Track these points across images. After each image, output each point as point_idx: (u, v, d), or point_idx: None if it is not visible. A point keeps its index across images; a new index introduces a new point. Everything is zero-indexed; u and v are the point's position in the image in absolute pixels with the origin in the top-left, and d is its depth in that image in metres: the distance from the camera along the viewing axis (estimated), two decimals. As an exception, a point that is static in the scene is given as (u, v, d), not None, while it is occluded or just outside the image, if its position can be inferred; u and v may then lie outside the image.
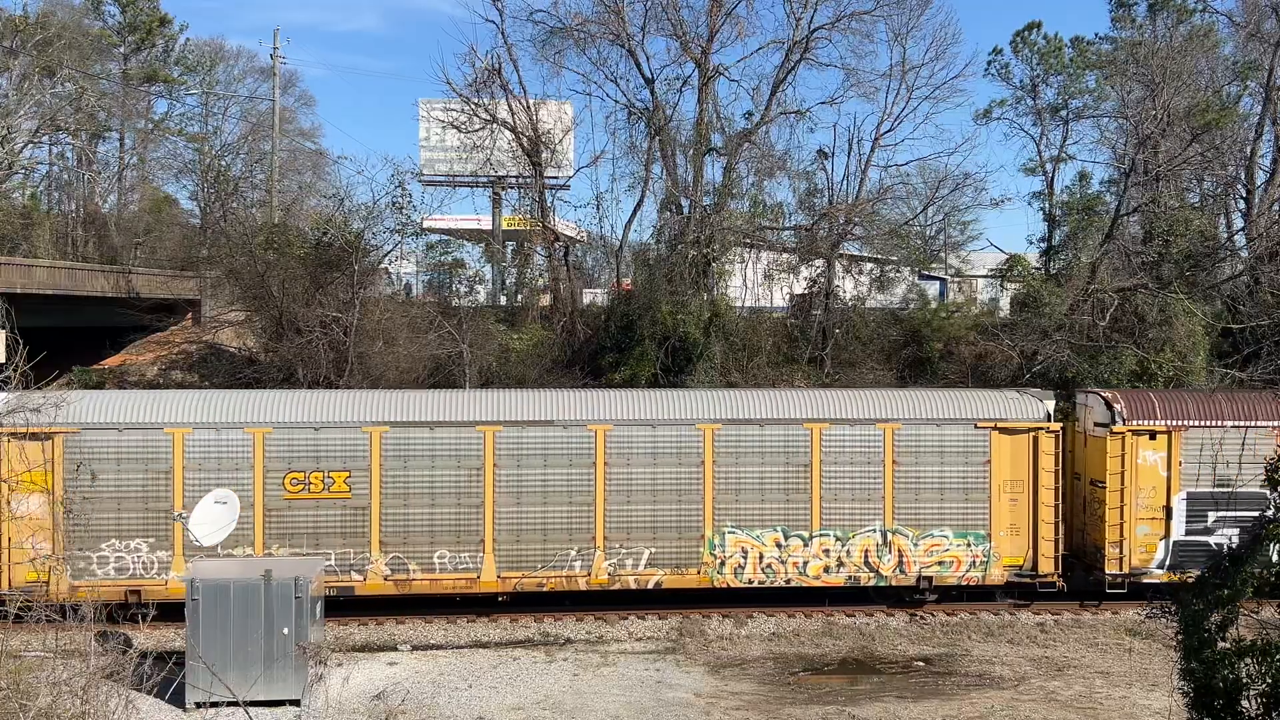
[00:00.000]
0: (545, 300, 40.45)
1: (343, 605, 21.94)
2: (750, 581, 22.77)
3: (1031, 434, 23.10)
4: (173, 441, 21.58)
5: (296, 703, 17.20)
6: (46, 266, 38.46)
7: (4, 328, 18.97)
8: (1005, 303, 43.97)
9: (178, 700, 17.14)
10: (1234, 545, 21.62)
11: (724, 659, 20.51)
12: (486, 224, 46.24)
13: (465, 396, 23.49)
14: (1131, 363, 32.99)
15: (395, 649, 20.77)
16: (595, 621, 22.39)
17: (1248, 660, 10.37)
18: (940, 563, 23.01)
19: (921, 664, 20.42)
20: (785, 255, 41.55)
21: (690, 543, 22.67)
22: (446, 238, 42.59)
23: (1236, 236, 41.78)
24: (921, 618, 22.80)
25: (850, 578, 22.90)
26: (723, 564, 22.70)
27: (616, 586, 22.53)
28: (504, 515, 22.27)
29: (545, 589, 22.40)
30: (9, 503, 21.04)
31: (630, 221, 40.42)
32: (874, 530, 22.91)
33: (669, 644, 21.28)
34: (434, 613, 22.61)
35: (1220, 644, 10.81)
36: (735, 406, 23.09)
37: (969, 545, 22.98)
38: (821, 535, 22.83)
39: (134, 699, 14.14)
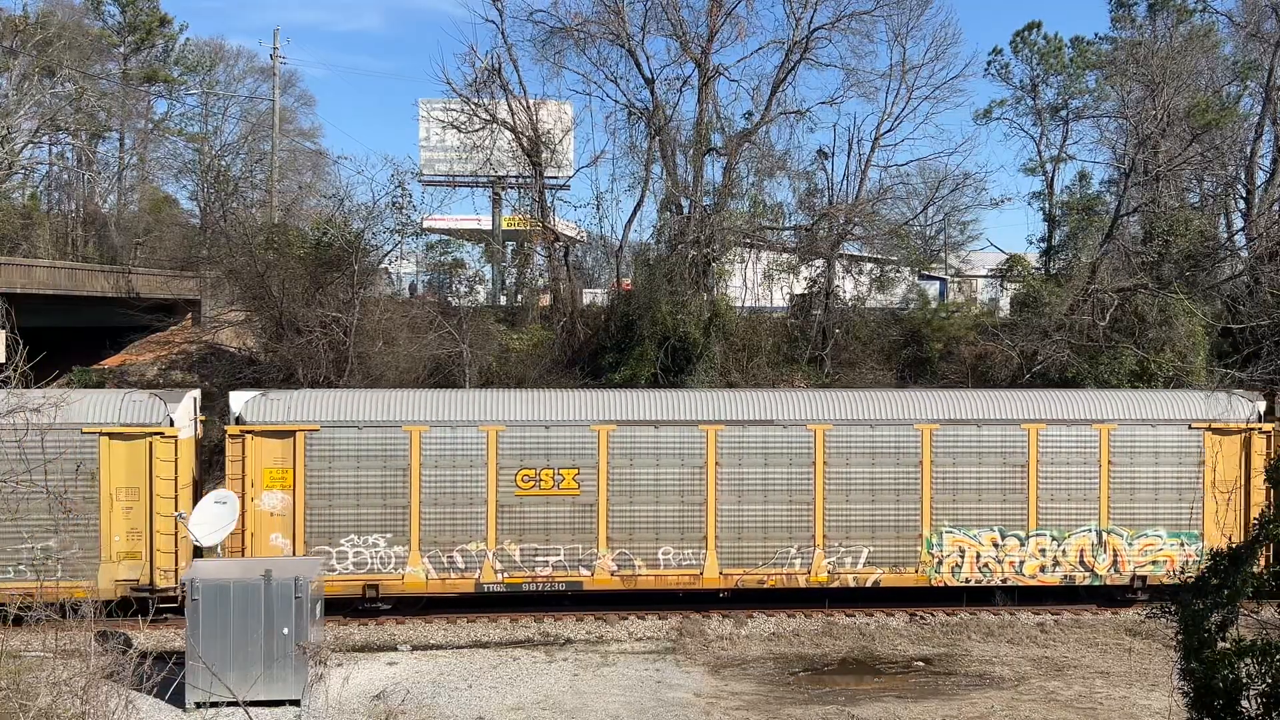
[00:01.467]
0: (545, 300, 40.46)
1: (572, 600, 22.81)
2: (967, 580, 23.14)
3: (1244, 435, 23.48)
4: (410, 439, 22.07)
5: (296, 703, 17.20)
6: (46, 266, 38.45)
7: (4, 328, 18.94)
8: (1005, 303, 43.96)
9: (178, 700, 17.14)
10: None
11: (724, 659, 20.51)
12: (486, 224, 46.23)
13: (687, 396, 23.95)
14: (1131, 363, 32.99)
15: (395, 649, 20.77)
16: (595, 621, 22.40)
17: (1248, 660, 10.36)
18: (1154, 562, 23.42)
19: (921, 664, 20.42)
20: (785, 255, 41.57)
21: (908, 542, 22.99)
22: (446, 238, 42.59)
23: (1236, 236, 41.79)
24: (921, 618, 22.81)
25: (1066, 577, 23.30)
26: (940, 563, 23.07)
27: (835, 584, 22.94)
28: (725, 513, 22.69)
29: (766, 586, 22.79)
30: (254, 499, 21.57)
31: (630, 221, 40.49)
32: (1089, 530, 23.26)
33: (669, 644, 21.28)
34: (434, 613, 22.62)
35: (1220, 644, 10.80)
36: (953, 407, 23.44)
37: (1181, 545, 23.39)
38: (1038, 535, 23.15)
39: (134, 699, 14.15)
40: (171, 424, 21.59)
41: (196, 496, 21.61)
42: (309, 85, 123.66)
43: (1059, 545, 23.16)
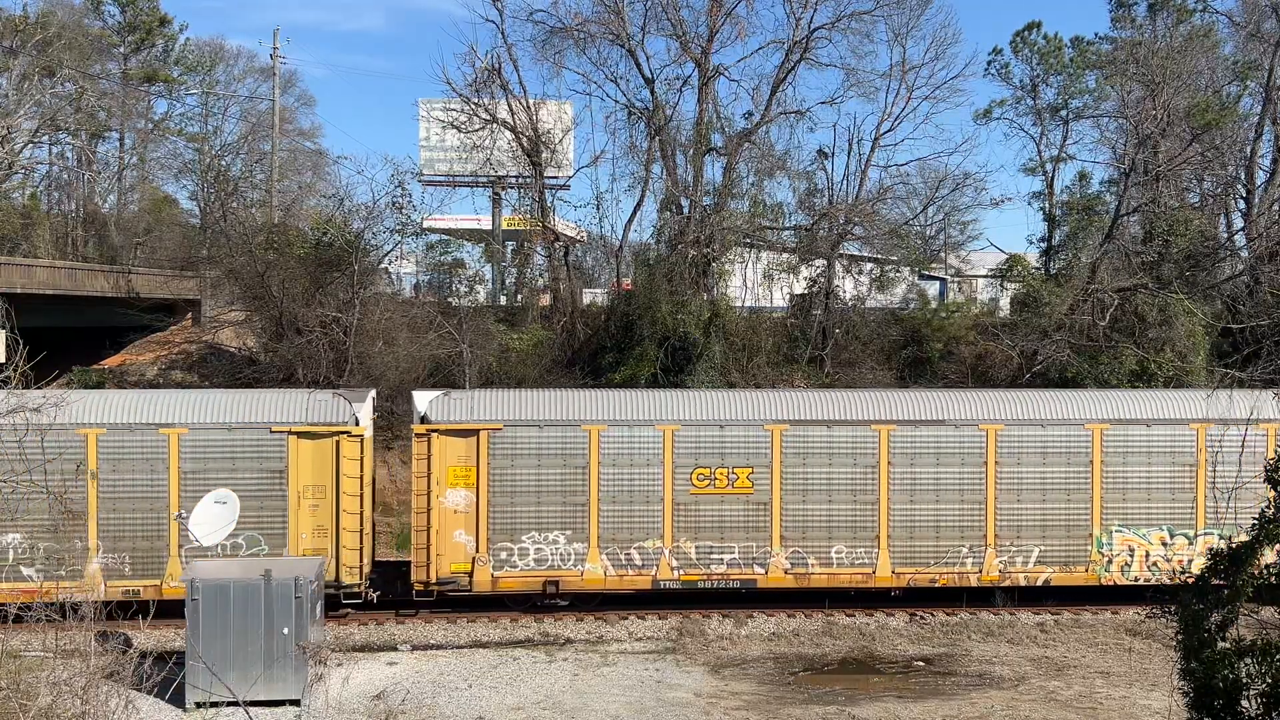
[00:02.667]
0: (545, 300, 40.46)
1: (744, 598, 23.02)
2: (1136, 579, 23.22)
3: None
4: (589, 438, 22.32)
5: (296, 703, 17.20)
6: (46, 266, 38.45)
7: (4, 328, 18.97)
8: (1005, 303, 43.96)
9: (178, 700, 17.14)
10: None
11: (724, 659, 20.51)
12: (486, 224, 46.25)
13: (859, 396, 24.03)
14: (1131, 363, 33.00)
15: (395, 649, 20.76)
16: (595, 621, 22.39)
17: (1248, 660, 10.36)
18: None
19: (921, 664, 20.41)
20: (785, 255, 41.57)
21: (1078, 541, 23.11)
22: (446, 238, 42.60)
23: (1236, 236, 41.81)
24: (921, 618, 22.81)
25: None
26: (1110, 562, 23.19)
27: (1006, 583, 23.04)
28: (898, 512, 22.83)
29: (937, 585, 22.90)
30: (439, 496, 21.95)
31: (630, 221, 40.50)
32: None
33: (669, 644, 21.27)
34: (434, 613, 22.62)
35: (1220, 644, 10.80)
36: (1123, 408, 23.49)
37: None
38: (1206, 534, 23.16)
39: (134, 699, 14.15)
40: (357, 423, 21.97)
41: (373, 494, 21.99)
42: (309, 85, 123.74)
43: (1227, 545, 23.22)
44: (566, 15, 38.87)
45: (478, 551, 22.08)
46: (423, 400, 22.43)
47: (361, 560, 21.80)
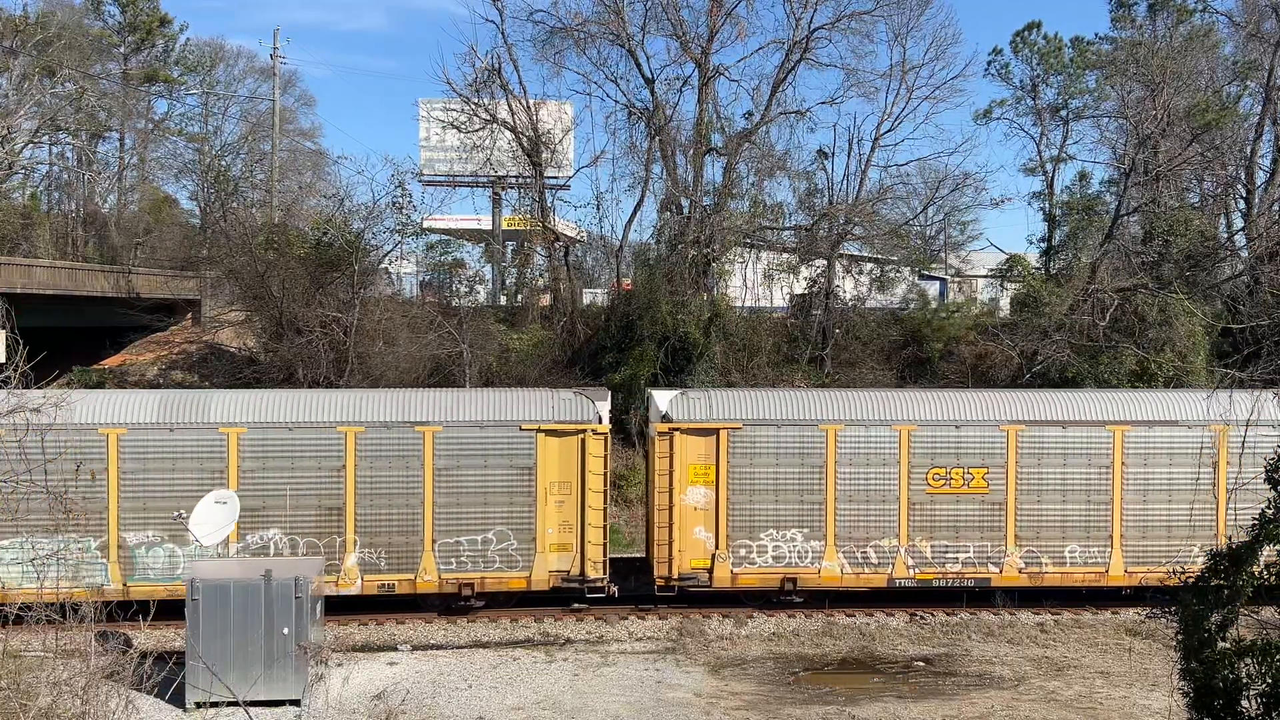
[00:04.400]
0: (545, 300, 40.47)
1: (975, 596, 23.21)
2: None
3: None
4: (826, 437, 22.67)
5: (296, 703, 17.19)
6: (47, 266, 38.47)
7: (4, 328, 18.98)
8: (1005, 303, 43.98)
9: (178, 700, 17.14)
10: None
11: (724, 659, 20.51)
12: (486, 224, 46.26)
13: (1092, 398, 24.17)
14: (1131, 363, 33.01)
15: (395, 649, 20.76)
16: (595, 621, 22.39)
17: (1248, 660, 10.36)
18: None
19: (922, 664, 20.41)
20: (785, 255, 41.59)
21: None
22: (446, 238, 42.60)
23: (1236, 236, 41.80)
24: (921, 618, 22.82)
25: None
26: None
27: None
28: (1130, 512, 22.97)
29: (1169, 584, 22.89)
30: (680, 494, 22.47)
31: (630, 221, 40.53)
32: None
33: (669, 644, 21.27)
34: (434, 613, 22.62)
35: (1220, 644, 10.81)
36: None
37: None
38: None
39: (134, 699, 14.13)
40: (600, 421, 22.45)
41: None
42: (309, 85, 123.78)
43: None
44: (566, 15, 38.97)
45: (717, 548, 22.55)
46: (664, 399, 22.93)
47: (604, 555, 22.36)
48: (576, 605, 22.70)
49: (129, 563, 21.35)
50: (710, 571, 22.47)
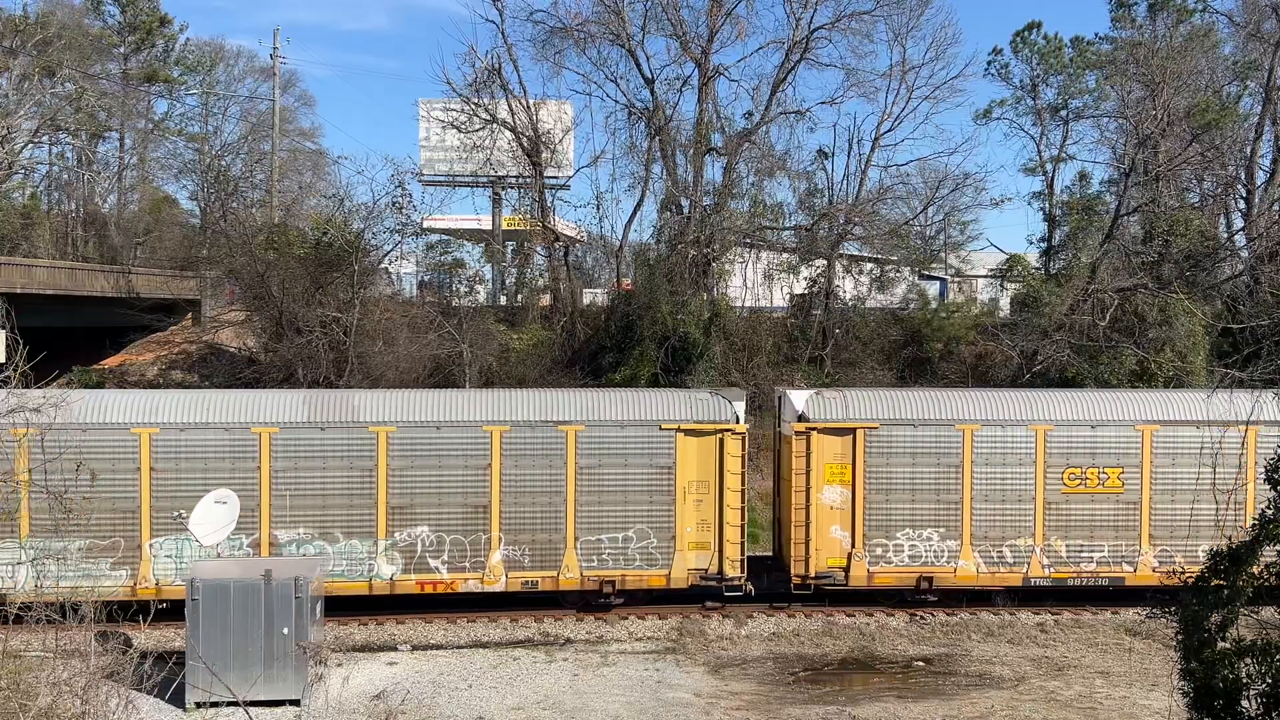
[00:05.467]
0: (545, 300, 40.46)
1: (1113, 595, 23.55)
2: None
3: None
4: (963, 437, 22.96)
5: (296, 703, 17.19)
6: (46, 266, 38.47)
7: (4, 328, 18.99)
8: (1005, 303, 43.97)
9: (178, 700, 17.14)
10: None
11: (724, 659, 20.50)
12: (486, 224, 46.24)
13: (1224, 396, 24.09)
14: (1131, 363, 33.00)
15: (395, 649, 20.76)
16: (595, 621, 22.39)
17: (1248, 660, 10.36)
18: None
19: (921, 664, 20.41)
20: (785, 255, 41.59)
21: None
22: (446, 238, 42.59)
23: (1236, 236, 41.81)
24: (921, 618, 22.82)
25: None
26: None
27: None
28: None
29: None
30: (817, 493, 22.81)
31: (630, 221, 40.52)
32: None
33: (669, 644, 21.27)
34: (434, 613, 22.63)
35: (1220, 644, 10.80)
36: None
37: None
38: None
39: (134, 699, 14.13)
40: (738, 420, 22.68)
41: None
42: (310, 85, 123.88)
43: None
44: (566, 15, 38.95)
45: (853, 547, 22.87)
46: (799, 399, 23.16)
47: (742, 554, 22.59)
48: (709, 604, 22.96)
49: None
50: (846, 570, 22.87)
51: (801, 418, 22.88)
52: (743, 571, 22.58)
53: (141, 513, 21.26)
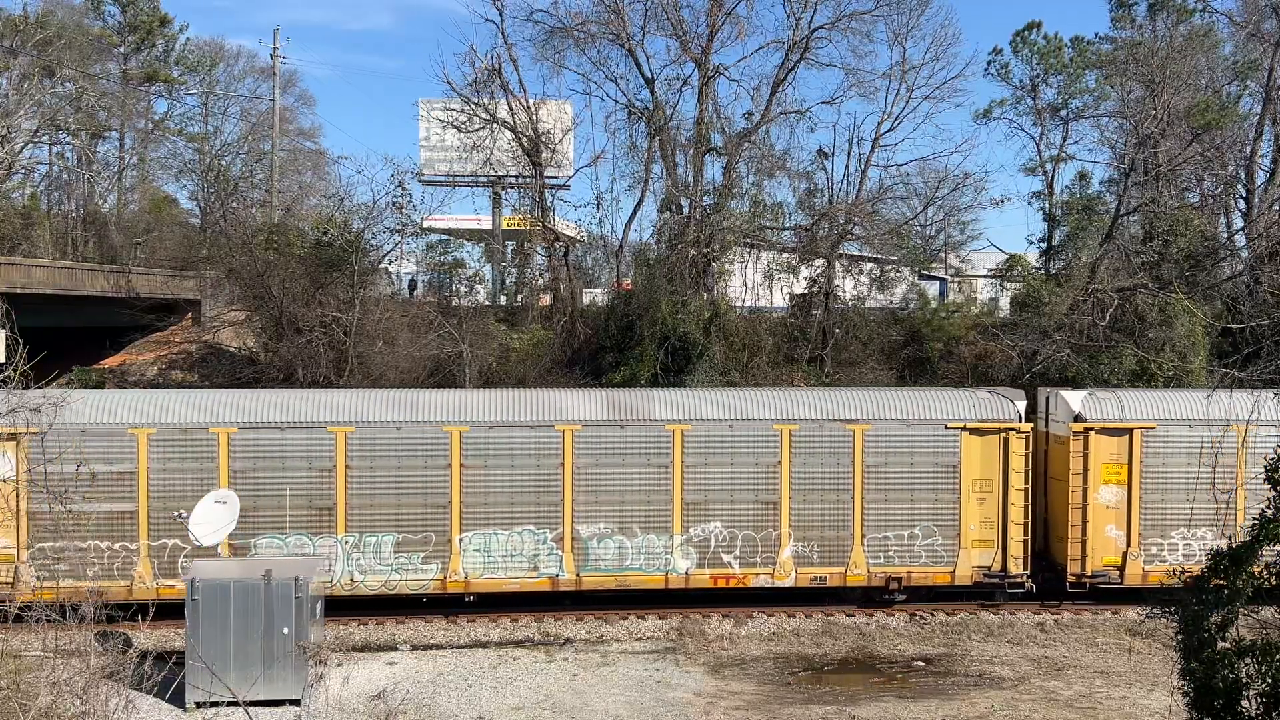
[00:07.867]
0: (545, 300, 40.43)
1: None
2: None
3: None
4: (1238, 436, 23.35)
5: (296, 703, 17.19)
6: (46, 266, 38.42)
7: (4, 327, 19.00)
8: (1005, 303, 43.94)
9: (178, 700, 17.14)
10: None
11: (724, 659, 20.51)
12: (486, 224, 46.21)
13: None
14: (1131, 363, 32.97)
15: (395, 649, 20.77)
16: (595, 621, 22.40)
17: (1248, 660, 10.36)
18: None
19: (921, 664, 20.41)
20: (785, 255, 41.54)
21: None
22: (446, 237, 42.58)
23: (1236, 236, 41.78)
24: (921, 618, 22.82)
25: None
26: None
27: None
28: None
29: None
30: (1093, 492, 23.21)
31: (630, 221, 40.47)
32: None
33: (669, 644, 21.27)
34: (434, 613, 22.63)
35: (1220, 644, 10.80)
36: None
37: None
38: None
39: (134, 699, 14.13)
40: (1020, 419, 23.17)
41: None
42: (310, 85, 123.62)
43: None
44: (566, 15, 38.88)
45: (1128, 546, 23.23)
46: (1075, 399, 23.46)
47: (1026, 552, 23.05)
48: (986, 603, 23.24)
49: (582, 554, 22.40)
50: (1121, 569, 23.24)
51: (1078, 418, 23.26)
52: (1026, 569, 23.04)
53: (452, 509, 22.15)
